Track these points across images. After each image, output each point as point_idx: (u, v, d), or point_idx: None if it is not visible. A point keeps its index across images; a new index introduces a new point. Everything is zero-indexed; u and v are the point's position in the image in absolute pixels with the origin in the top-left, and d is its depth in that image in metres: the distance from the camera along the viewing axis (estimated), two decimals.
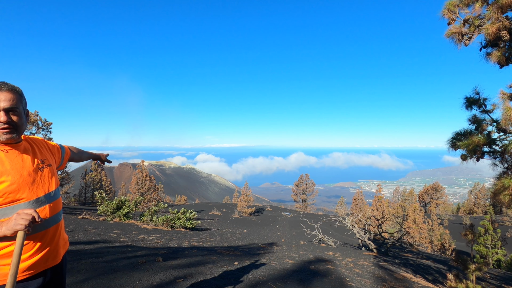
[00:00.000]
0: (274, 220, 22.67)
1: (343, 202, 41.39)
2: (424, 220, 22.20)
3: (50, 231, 1.41)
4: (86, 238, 5.88)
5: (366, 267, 5.97)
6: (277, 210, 32.96)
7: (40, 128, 20.69)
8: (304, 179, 37.63)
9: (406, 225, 20.68)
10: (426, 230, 20.97)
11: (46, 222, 1.39)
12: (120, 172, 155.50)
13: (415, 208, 22.80)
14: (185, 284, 3.11)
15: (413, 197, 37.09)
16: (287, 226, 19.38)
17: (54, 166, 1.59)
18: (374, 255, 8.46)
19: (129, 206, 11.62)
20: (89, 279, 3.00)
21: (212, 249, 6.42)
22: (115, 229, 8.00)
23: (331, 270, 4.97)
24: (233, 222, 19.77)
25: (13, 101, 1.30)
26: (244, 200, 27.05)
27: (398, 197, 40.08)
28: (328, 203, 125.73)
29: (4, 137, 1.31)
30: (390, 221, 25.68)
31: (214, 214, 24.34)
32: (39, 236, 1.36)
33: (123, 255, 4.30)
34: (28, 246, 1.32)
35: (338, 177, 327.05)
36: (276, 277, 3.96)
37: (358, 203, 32.62)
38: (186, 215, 11.36)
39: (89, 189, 27.20)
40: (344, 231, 18.72)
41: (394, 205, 33.82)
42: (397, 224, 24.94)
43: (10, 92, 1.30)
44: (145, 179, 24.85)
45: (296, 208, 37.88)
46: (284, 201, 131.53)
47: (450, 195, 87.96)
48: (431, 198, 39.82)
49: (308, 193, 37.44)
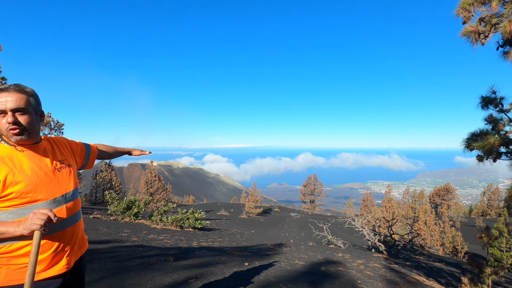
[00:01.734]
0: (282, 221, 22.61)
1: (351, 203, 40.98)
2: (435, 222, 21.78)
3: (67, 232, 1.41)
4: (98, 238, 5.98)
5: (377, 269, 5.89)
6: (285, 210, 32.86)
7: (52, 129, 21.17)
8: (312, 180, 37.41)
9: (416, 227, 20.33)
10: (437, 232, 20.56)
11: (63, 222, 1.39)
12: (130, 172, 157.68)
13: (426, 209, 22.38)
14: (197, 284, 3.13)
15: (423, 199, 36.43)
16: (295, 227, 19.29)
17: (74, 167, 1.59)
18: (384, 257, 8.34)
19: (139, 206, 11.76)
20: (103, 278, 3.04)
21: (222, 249, 6.44)
22: (125, 229, 8.10)
23: (342, 272, 4.91)
24: (241, 222, 19.80)
25: (20, 101, 1.29)
26: (252, 200, 27.07)
27: (408, 198, 39.43)
28: (337, 204, 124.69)
29: (14, 138, 1.31)
30: (400, 222, 25.30)
31: (222, 214, 24.43)
32: (56, 236, 1.36)
33: (135, 255, 4.35)
34: (45, 246, 1.33)
35: (346, 178, 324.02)
36: (286, 279, 3.94)
37: (367, 204, 32.25)
38: (195, 215, 11.43)
39: (99, 189, 27.67)
40: (353, 232, 18.53)
41: (404, 207, 33.28)
42: (408, 226, 24.55)
43: (18, 92, 1.29)
44: (154, 179, 25.12)
45: (304, 209, 37.69)
46: (292, 201, 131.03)
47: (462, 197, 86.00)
48: (442, 200, 39.05)
49: (316, 193, 37.21)
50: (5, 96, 1.27)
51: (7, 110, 1.27)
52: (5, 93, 1.28)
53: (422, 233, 19.09)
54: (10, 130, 1.29)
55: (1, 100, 1.27)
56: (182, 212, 11.39)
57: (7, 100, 1.27)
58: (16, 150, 1.34)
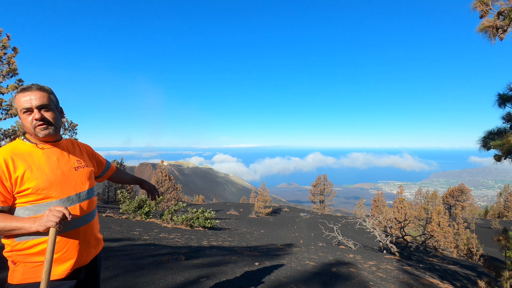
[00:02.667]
0: (291, 221, 22.51)
1: (362, 203, 40.43)
2: (449, 224, 21.25)
3: (80, 231, 1.42)
4: (111, 236, 6.08)
5: (389, 271, 5.79)
6: (294, 210, 32.71)
7: (66, 129, 21.68)
8: (321, 180, 37.10)
9: (429, 228, 19.89)
10: (451, 234, 20.05)
11: (76, 221, 1.40)
12: (141, 172, 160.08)
13: (439, 210, 21.87)
14: (209, 283, 3.14)
15: (436, 199, 35.61)
16: (305, 227, 19.17)
17: (91, 169, 1.61)
18: (396, 258, 8.19)
19: (150, 205, 11.92)
20: (117, 276, 3.09)
21: (232, 249, 6.45)
22: (137, 227, 8.22)
23: (353, 274, 4.85)
24: (251, 222, 19.82)
25: (43, 99, 1.36)
26: (261, 200, 27.05)
27: (420, 199, 38.62)
28: (347, 205, 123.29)
29: (42, 133, 1.36)
30: (412, 224, 24.80)
31: (232, 214, 24.51)
32: (69, 234, 1.38)
33: (147, 253, 4.41)
34: (58, 245, 1.34)
35: (357, 178, 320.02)
36: (297, 279, 3.91)
37: (378, 205, 31.76)
38: (204, 214, 11.50)
39: (111, 188, 28.20)
40: (364, 233, 18.27)
41: (417, 207, 32.62)
42: (420, 227, 24.04)
43: (39, 90, 1.36)
44: (165, 178, 25.41)
45: (313, 209, 37.43)
46: (301, 201, 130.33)
47: (477, 198, 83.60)
48: (456, 201, 38.08)
49: (326, 194, 36.88)
50: (29, 94, 1.34)
51: (33, 107, 1.33)
52: (29, 92, 1.34)
53: (435, 234, 18.67)
54: (38, 126, 1.35)
55: (26, 98, 1.33)
56: (192, 212, 11.48)
57: (31, 98, 1.33)
58: (37, 147, 1.38)
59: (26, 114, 1.35)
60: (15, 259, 1.32)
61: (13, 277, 1.32)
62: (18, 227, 1.23)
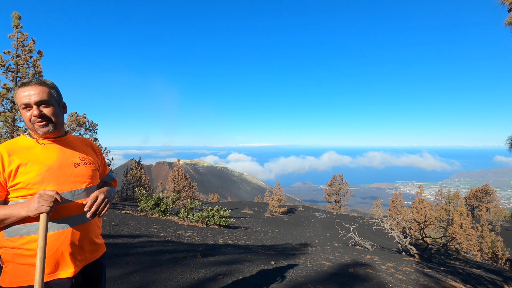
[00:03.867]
0: (306, 221, 22.33)
1: (379, 203, 39.51)
2: (472, 226, 20.40)
3: (69, 232, 1.29)
4: (130, 232, 6.26)
5: (409, 273, 5.63)
6: (310, 210, 32.43)
7: (87, 129, 22.50)
8: (337, 179, 36.58)
9: (451, 230, 19.18)
10: (474, 236, 19.24)
11: (65, 220, 1.28)
12: (158, 170, 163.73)
13: (461, 212, 21.04)
14: (226, 281, 3.17)
15: (458, 200, 34.26)
16: (320, 227, 18.97)
17: (95, 168, 1.50)
18: (416, 261, 7.95)
19: (167, 203, 12.17)
20: (137, 271, 3.18)
21: (247, 247, 6.49)
22: (154, 225, 8.42)
23: (371, 275, 4.75)
24: (265, 221, 19.82)
25: (43, 94, 1.29)
26: (276, 199, 27.01)
27: (441, 199, 37.28)
28: (363, 205, 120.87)
29: (41, 130, 1.31)
30: (432, 225, 24.00)
31: (247, 212, 24.62)
32: (55, 236, 1.25)
33: (165, 250, 4.51)
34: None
35: (374, 178, 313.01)
36: (314, 279, 3.88)
37: (396, 205, 30.96)
38: (220, 213, 11.62)
39: (130, 186, 29.02)
40: (381, 234, 17.86)
41: (437, 208, 31.52)
42: (441, 229, 23.23)
43: (39, 85, 1.30)
44: (181, 177, 25.86)
45: (329, 208, 36.96)
46: (316, 201, 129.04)
47: (502, 199, 79.74)
48: (480, 202, 36.48)
49: (341, 193, 36.33)
50: (28, 90, 1.28)
51: (32, 103, 1.28)
52: (28, 87, 1.29)
53: (457, 237, 17.98)
54: (37, 123, 1.30)
55: (25, 94, 1.28)
56: (207, 210, 11.63)
57: (30, 93, 1.28)
58: (38, 143, 1.34)
59: (25, 110, 1.30)
60: (5, 258, 1.23)
61: (3, 280, 1.22)
62: (7, 215, 1.17)
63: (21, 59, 10.79)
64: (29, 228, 1.21)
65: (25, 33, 10.77)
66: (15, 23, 10.54)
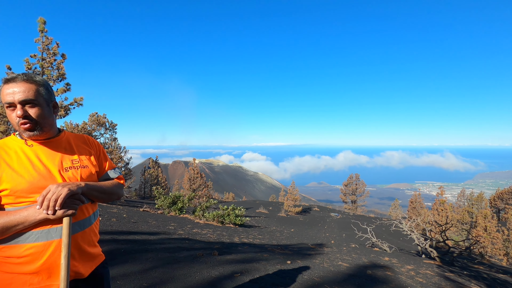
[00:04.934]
0: (322, 221, 22.09)
1: (397, 204, 38.49)
2: (498, 229, 19.49)
3: (54, 243, 1.14)
4: (149, 229, 6.43)
5: (429, 276, 5.46)
6: (325, 210, 32.05)
7: (107, 129, 23.24)
8: (353, 179, 35.94)
9: (474, 233, 18.40)
10: (500, 240, 18.37)
11: (51, 230, 1.14)
12: (174, 169, 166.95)
13: (486, 214, 20.16)
14: (242, 279, 3.20)
15: (482, 202, 32.80)
16: (336, 227, 18.71)
17: (89, 171, 1.34)
18: (437, 264, 7.69)
19: (183, 201, 12.40)
20: (156, 268, 3.27)
21: (263, 246, 6.50)
22: (172, 222, 8.59)
23: (390, 277, 4.64)
24: (280, 220, 19.77)
25: (29, 93, 1.13)
26: (290, 199, 26.89)
27: (463, 201, 35.83)
28: (381, 205, 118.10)
29: (26, 134, 1.17)
30: (454, 228, 23.12)
31: (261, 212, 24.65)
32: (42, 246, 1.12)
33: (182, 247, 4.60)
34: (33, 257, 1.11)
35: (391, 178, 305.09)
36: (331, 280, 3.84)
37: (415, 206, 30.07)
38: (235, 211, 11.71)
39: (147, 184, 29.75)
40: (400, 236, 17.39)
41: (459, 210, 30.32)
42: (464, 232, 22.34)
43: (26, 82, 1.15)
44: (197, 176, 26.25)
45: (345, 209, 36.40)
46: (332, 201, 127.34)
47: None
48: (506, 204, 34.74)
49: (358, 193, 35.68)
50: (13, 87, 1.13)
51: (16, 102, 1.13)
52: (13, 84, 1.14)
53: (481, 240, 17.23)
54: (21, 125, 1.15)
55: (9, 91, 1.13)
56: (223, 208, 11.74)
57: (14, 91, 1.12)
58: (26, 145, 1.20)
59: (9, 109, 1.15)
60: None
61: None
62: (20, 220, 1.06)
63: (46, 62, 11.29)
64: (17, 237, 1.10)
65: (49, 37, 11.26)
66: (40, 27, 11.04)
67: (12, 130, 13.70)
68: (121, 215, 8.27)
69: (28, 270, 1.11)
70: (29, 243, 1.11)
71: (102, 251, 1.43)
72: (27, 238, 1.10)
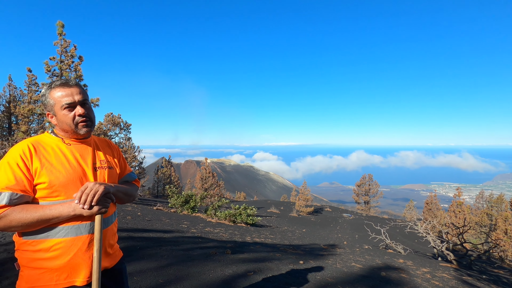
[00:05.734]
0: (334, 221, 21.86)
1: (412, 206, 37.59)
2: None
3: (82, 239, 1.22)
4: (162, 227, 6.56)
5: (446, 280, 5.32)
6: (337, 211, 31.67)
7: (122, 129, 23.76)
8: (367, 180, 35.36)
9: (494, 236, 17.77)
10: None
11: (80, 226, 1.21)
12: (186, 169, 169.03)
13: (506, 217, 19.42)
14: (256, 278, 3.23)
15: (503, 204, 31.59)
16: (348, 228, 18.47)
17: (114, 171, 1.45)
18: (454, 267, 7.48)
19: (196, 200, 12.56)
20: (171, 265, 3.34)
21: (275, 246, 6.51)
22: (184, 221, 8.72)
23: (405, 280, 4.56)
24: (292, 220, 19.70)
25: (83, 94, 1.30)
26: (302, 199, 26.74)
27: (482, 203, 34.64)
28: (395, 207, 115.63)
29: (83, 130, 1.29)
30: (473, 230, 22.39)
31: (272, 211, 24.63)
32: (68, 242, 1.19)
33: (196, 245, 4.67)
34: (61, 251, 1.18)
35: (406, 179, 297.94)
36: (344, 281, 3.81)
37: (431, 208, 29.29)
38: (247, 211, 11.76)
39: (160, 183, 30.27)
40: (414, 238, 16.99)
41: (478, 213, 29.33)
42: (482, 235, 21.61)
43: (77, 86, 1.30)
44: (208, 175, 26.49)
45: (357, 210, 35.87)
46: (344, 201, 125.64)
47: None
48: None
49: (371, 194, 35.07)
50: (71, 89, 1.27)
51: (77, 103, 1.27)
52: (69, 87, 1.28)
53: (501, 243, 16.62)
54: (81, 123, 1.28)
55: (68, 93, 1.26)
56: (235, 208, 11.82)
57: (73, 93, 1.27)
58: (64, 143, 1.30)
59: (67, 109, 1.26)
60: (21, 262, 1.19)
61: (19, 284, 1.18)
62: (55, 214, 1.13)
63: (64, 64, 11.67)
64: (48, 231, 1.16)
65: (67, 40, 11.64)
66: (59, 31, 11.43)
67: (32, 131, 14.23)
68: (135, 213, 8.46)
69: (55, 266, 1.17)
70: (59, 237, 1.18)
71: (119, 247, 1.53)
72: (57, 233, 1.17)
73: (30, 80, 16.89)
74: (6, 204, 1.09)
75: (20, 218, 1.09)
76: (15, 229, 1.13)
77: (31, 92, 16.02)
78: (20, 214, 1.09)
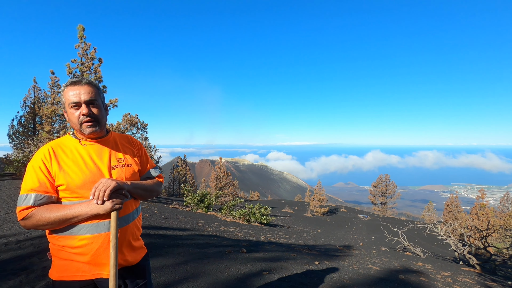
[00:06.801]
0: (349, 222, 21.50)
1: (431, 207, 36.36)
2: None
3: (103, 236, 1.26)
4: (178, 225, 6.67)
5: (469, 285, 5.12)
6: (353, 211, 31.13)
7: (139, 128, 24.36)
8: (383, 180, 34.53)
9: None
10: None
11: (101, 223, 1.26)
12: (201, 168, 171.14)
13: None
14: (271, 277, 3.23)
15: None
16: (364, 229, 18.11)
17: (133, 169, 1.45)
18: (477, 272, 7.18)
19: (210, 199, 12.69)
20: (188, 262, 3.40)
21: (289, 246, 6.48)
22: (200, 219, 8.83)
23: (425, 283, 4.42)
24: (306, 221, 19.54)
25: (92, 94, 1.29)
26: (317, 199, 26.46)
27: (507, 205, 33.04)
28: (413, 208, 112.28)
29: (87, 130, 1.30)
30: (497, 234, 21.42)
31: (287, 211, 24.51)
32: (92, 238, 1.25)
33: (211, 243, 4.73)
34: (83, 249, 1.24)
35: (425, 179, 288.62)
36: (361, 283, 3.74)
37: (452, 210, 28.22)
38: (261, 210, 11.77)
39: (176, 182, 30.80)
40: (434, 241, 16.44)
41: (503, 215, 28.01)
42: (508, 239, 20.62)
43: (88, 85, 1.30)
44: (223, 175, 26.70)
45: (374, 211, 35.09)
46: (360, 202, 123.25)
47: None
48: None
49: (388, 195, 34.21)
50: (79, 88, 1.28)
51: (82, 102, 1.28)
52: (79, 86, 1.29)
53: None
54: (85, 122, 1.29)
55: (75, 92, 1.27)
56: (249, 207, 11.86)
57: (80, 92, 1.28)
58: (80, 144, 1.34)
59: (73, 108, 1.29)
60: (52, 252, 1.29)
61: (51, 273, 1.29)
62: (75, 214, 1.19)
63: (85, 66, 12.09)
64: (71, 228, 1.23)
65: (87, 42, 12.05)
66: (79, 34, 11.85)
67: (55, 131, 14.83)
68: (152, 211, 8.65)
69: (81, 260, 1.25)
70: (81, 235, 1.24)
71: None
72: (79, 230, 1.24)
73: (53, 82, 17.61)
74: (32, 205, 1.18)
75: (45, 217, 1.17)
76: (42, 228, 1.21)
77: (54, 93, 16.70)
78: (45, 213, 1.18)
